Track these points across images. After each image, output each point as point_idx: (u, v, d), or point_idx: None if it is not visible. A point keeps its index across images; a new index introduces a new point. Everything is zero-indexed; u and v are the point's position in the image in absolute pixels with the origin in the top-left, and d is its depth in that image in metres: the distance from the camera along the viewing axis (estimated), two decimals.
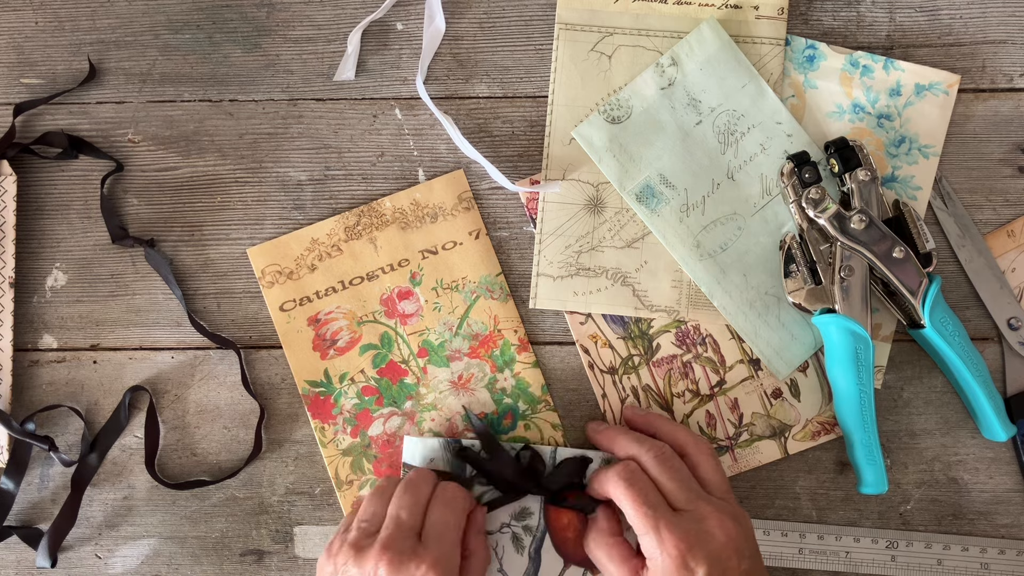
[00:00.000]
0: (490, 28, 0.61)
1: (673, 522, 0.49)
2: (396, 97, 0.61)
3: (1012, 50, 0.61)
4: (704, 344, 0.60)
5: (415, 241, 0.60)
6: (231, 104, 0.61)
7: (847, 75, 0.60)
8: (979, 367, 0.57)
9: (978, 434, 0.59)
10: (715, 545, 0.49)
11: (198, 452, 0.60)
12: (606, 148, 0.59)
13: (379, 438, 0.59)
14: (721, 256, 0.59)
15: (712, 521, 0.49)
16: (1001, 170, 0.60)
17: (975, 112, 0.60)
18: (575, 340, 0.60)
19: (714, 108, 0.60)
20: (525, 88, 0.61)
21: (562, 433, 0.59)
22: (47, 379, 0.60)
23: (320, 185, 0.61)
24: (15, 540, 0.59)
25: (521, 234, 0.61)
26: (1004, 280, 0.59)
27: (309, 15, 0.61)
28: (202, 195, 0.61)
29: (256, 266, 0.60)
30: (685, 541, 0.48)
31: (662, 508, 0.50)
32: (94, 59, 0.61)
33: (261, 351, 0.60)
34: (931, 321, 0.56)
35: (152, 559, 0.59)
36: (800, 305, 0.57)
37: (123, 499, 0.60)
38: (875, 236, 0.56)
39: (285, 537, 0.59)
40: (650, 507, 0.50)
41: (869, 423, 0.56)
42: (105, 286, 0.61)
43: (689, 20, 0.60)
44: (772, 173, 0.59)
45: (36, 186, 0.61)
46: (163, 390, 0.60)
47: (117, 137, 0.61)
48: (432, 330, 0.60)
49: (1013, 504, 0.59)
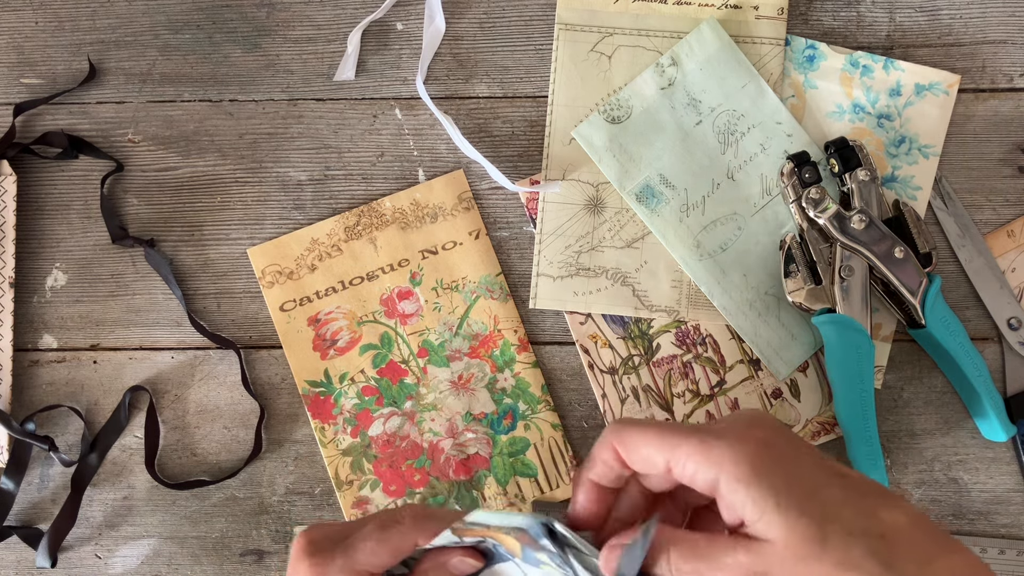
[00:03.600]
0: (490, 28, 0.61)
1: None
2: (396, 97, 0.61)
3: (1012, 50, 0.61)
4: (704, 344, 0.60)
5: (415, 241, 0.60)
6: (231, 104, 0.61)
7: (847, 75, 0.60)
8: (979, 367, 0.57)
9: (978, 434, 0.59)
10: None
11: (198, 452, 0.60)
12: (606, 148, 0.59)
13: (379, 438, 0.59)
14: (721, 256, 0.59)
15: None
16: (1001, 170, 0.60)
17: (975, 112, 0.60)
18: (575, 340, 0.60)
19: (714, 108, 0.60)
20: (525, 88, 0.61)
21: (562, 433, 0.59)
22: (47, 379, 0.60)
23: (320, 185, 0.61)
24: (15, 540, 0.59)
25: (521, 234, 0.61)
26: (1004, 280, 0.59)
27: (309, 15, 0.61)
28: (202, 195, 0.61)
29: (256, 266, 0.60)
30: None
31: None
32: (94, 59, 0.61)
33: (261, 351, 0.60)
34: (931, 321, 0.56)
35: (152, 559, 0.59)
36: (800, 305, 0.57)
37: (123, 499, 0.60)
38: (875, 236, 0.56)
39: (285, 537, 0.59)
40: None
41: (869, 423, 0.56)
42: (105, 286, 0.61)
43: (689, 20, 0.60)
44: (772, 173, 0.59)
45: (36, 186, 0.61)
46: (163, 390, 0.60)
47: (117, 137, 0.61)
48: (432, 330, 0.60)
49: (1013, 504, 0.59)
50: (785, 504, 0.37)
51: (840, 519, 0.37)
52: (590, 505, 0.43)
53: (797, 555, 0.37)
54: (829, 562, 0.36)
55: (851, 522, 0.37)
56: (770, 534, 0.37)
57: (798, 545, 0.37)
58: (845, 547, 0.37)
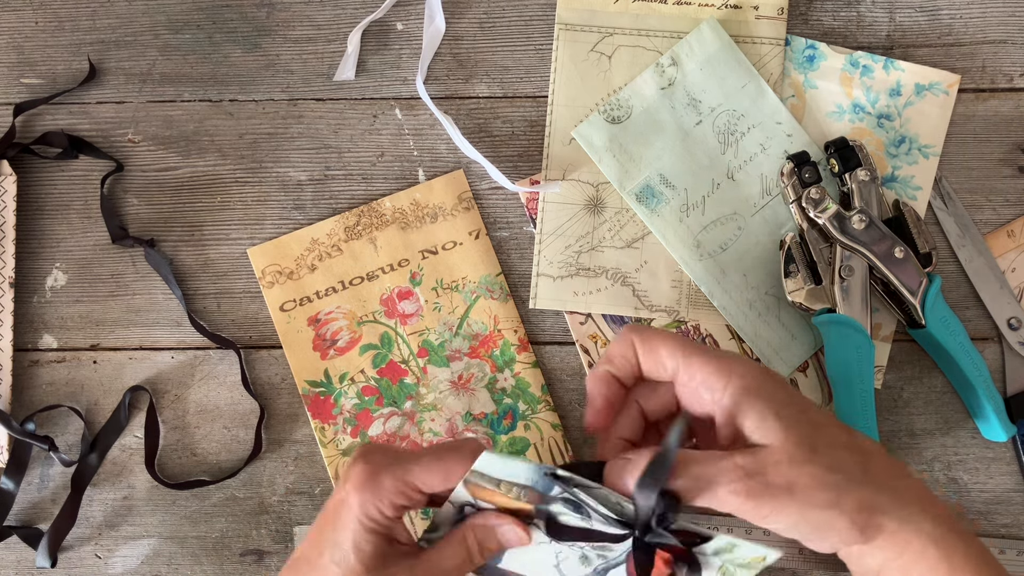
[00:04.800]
0: (490, 28, 0.61)
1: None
2: (396, 97, 0.61)
3: (1012, 50, 0.61)
4: (704, 344, 0.60)
5: (415, 241, 0.60)
6: (231, 104, 0.61)
7: (847, 75, 0.60)
8: (979, 367, 0.57)
9: (978, 434, 0.59)
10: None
11: (198, 452, 0.60)
12: (606, 148, 0.59)
13: (379, 438, 0.59)
14: (721, 256, 0.59)
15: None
16: (1001, 170, 0.60)
17: (975, 112, 0.60)
18: (575, 340, 0.60)
19: (714, 108, 0.60)
20: (525, 88, 0.61)
21: (562, 433, 0.59)
22: (47, 379, 0.60)
23: (320, 185, 0.61)
24: (15, 540, 0.59)
25: (521, 234, 0.61)
26: (1004, 280, 0.59)
27: (309, 15, 0.61)
28: (202, 195, 0.61)
29: (256, 266, 0.60)
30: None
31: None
32: (94, 59, 0.61)
33: (261, 351, 0.60)
34: (931, 321, 0.56)
35: (152, 559, 0.59)
36: (800, 305, 0.57)
37: (123, 499, 0.60)
38: (875, 236, 0.56)
39: (285, 537, 0.59)
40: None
41: (869, 423, 0.56)
42: (105, 286, 0.61)
43: (689, 20, 0.60)
44: (772, 173, 0.59)
45: (36, 186, 0.61)
46: (163, 390, 0.60)
47: (117, 137, 0.61)
48: (432, 330, 0.60)
49: (1013, 504, 0.59)
50: (785, 415, 0.42)
51: (828, 434, 0.43)
52: (604, 403, 0.46)
53: (792, 458, 0.41)
54: (819, 464, 0.41)
55: (836, 437, 0.43)
56: (768, 439, 0.42)
57: (793, 450, 0.41)
58: (832, 454, 0.42)
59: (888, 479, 0.43)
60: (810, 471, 0.41)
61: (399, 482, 0.43)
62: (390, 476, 0.43)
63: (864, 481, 0.42)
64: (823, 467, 0.41)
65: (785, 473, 0.41)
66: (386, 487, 0.43)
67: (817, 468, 0.41)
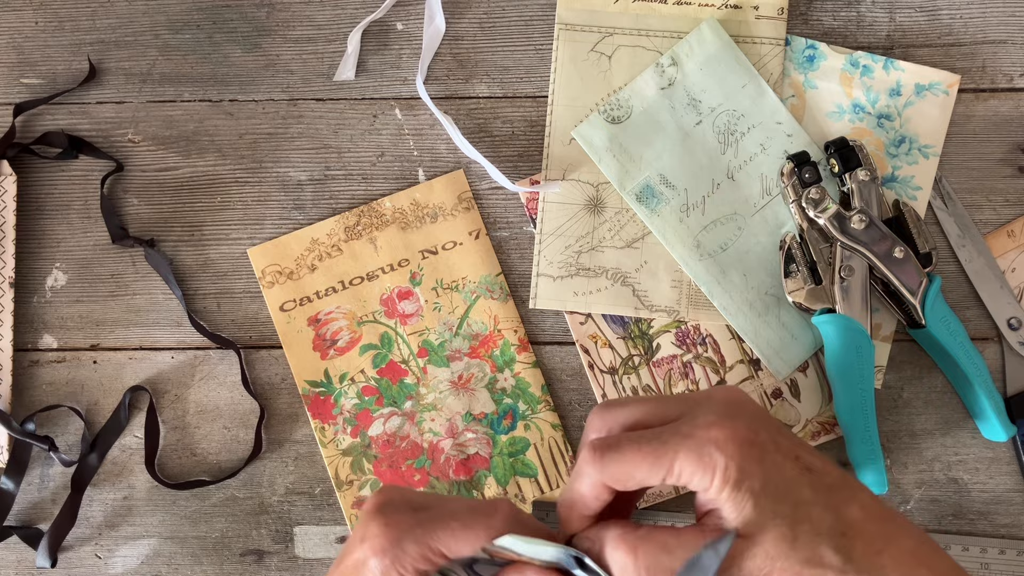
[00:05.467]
0: (490, 28, 0.61)
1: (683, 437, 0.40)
2: (396, 97, 0.61)
3: (1012, 50, 0.61)
4: (704, 344, 0.60)
5: (415, 241, 0.60)
6: (231, 104, 0.61)
7: (847, 75, 0.60)
8: (979, 367, 0.57)
9: (978, 434, 0.59)
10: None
11: (198, 452, 0.60)
12: (606, 148, 0.59)
13: (379, 438, 0.59)
14: (721, 256, 0.59)
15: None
16: (1001, 170, 0.60)
17: (975, 112, 0.60)
18: (575, 340, 0.60)
19: (714, 108, 0.60)
20: (525, 88, 0.61)
21: (562, 433, 0.59)
22: (47, 379, 0.60)
23: (320, 185, 0.61)
24: (15, 540, 0.59)
25: (521, 234, 0.61)
26: (1004, 280, 0.59)
27: (309, 15, 0.61)
28: (202, 195, 0.61)
29: (256, 266, 0.60)
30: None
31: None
32: (94, 59, 0.61)
33: (261, 351, 0.60)
34: (931, 321, 0.56)
35: (152, 559, 0.59)
36: (800, 305, 0.57)
37: (123, 499, 0.60)
38: (875, 236, 0.56)
39: (285, 537, 0.59)
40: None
41: (869, 423, 0.56)
42: (105, 286, 0.61)
43: (689, 20, 0.60)
44: (772, 173, 0.59)
45: (36, 186, 0.61)
46: (163, 390, 0.60)
47: (117, 137, 0.61)
48: (432, 330, 0.60)
49: (1013, 504, 0.59)
50: (762, 506, 0.39)
51: (809, 519, 0.40)
52: (581, 524, 0.43)
53: (768, 553, 0.39)
54: (796, 559, 0.39)
55: (819, 522, 0.40)
56: (745, 531, 0.39)
57: (771, 544, 0.39)
58: (812, 546, 0.39)
59: (872, 555, 0.40)
60: (787, 567, 0.39)
61: (423, 547, 0.40)
62: (413, 542, 0.40)
63: (845, 571, 0.39)
64: (802, 561, 0.39)
65: (760, 567, 0.39)
66: (409, 553, 0.40)
67: (795, 563, 0.39)
